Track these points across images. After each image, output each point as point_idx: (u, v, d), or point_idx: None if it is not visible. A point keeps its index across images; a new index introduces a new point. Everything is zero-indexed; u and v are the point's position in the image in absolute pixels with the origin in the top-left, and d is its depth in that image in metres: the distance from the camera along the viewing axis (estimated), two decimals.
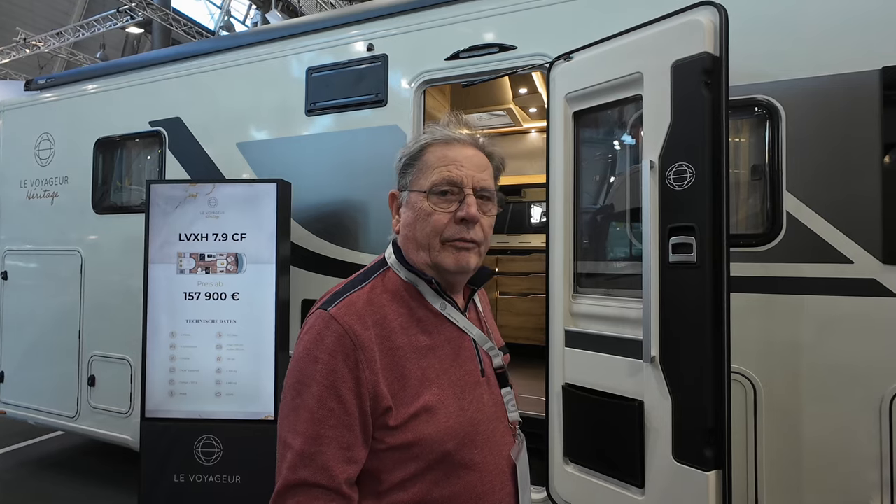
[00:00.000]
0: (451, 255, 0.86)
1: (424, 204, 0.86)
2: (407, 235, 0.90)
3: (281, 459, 0.79)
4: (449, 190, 0.86)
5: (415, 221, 0.88)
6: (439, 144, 0.89)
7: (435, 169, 0.87)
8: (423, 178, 0.88)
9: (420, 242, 0.88)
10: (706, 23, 1.60)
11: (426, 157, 0.89)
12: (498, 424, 0.92)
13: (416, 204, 0.88)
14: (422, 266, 0.89)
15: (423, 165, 0.88)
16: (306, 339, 0.82)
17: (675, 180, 1.66)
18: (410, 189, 0.89)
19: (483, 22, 2.42)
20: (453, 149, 0.89)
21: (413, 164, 0.90)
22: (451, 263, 0.86)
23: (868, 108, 1.73)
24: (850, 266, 1.74)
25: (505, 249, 4.39)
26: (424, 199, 0.86)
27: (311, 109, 2.81)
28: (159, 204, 2.62)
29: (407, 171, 0.91)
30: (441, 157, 0.88)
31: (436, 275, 0.89)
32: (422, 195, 0.87)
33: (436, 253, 0.87)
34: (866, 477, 1.69)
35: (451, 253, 0.86)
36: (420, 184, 0.88)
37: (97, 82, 3.54)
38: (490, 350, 0.97)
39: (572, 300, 2.04)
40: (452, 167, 0.86)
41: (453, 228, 0.86)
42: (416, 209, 0.87)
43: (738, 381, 1.85)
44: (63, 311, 3.45)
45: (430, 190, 0.86)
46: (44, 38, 12.51)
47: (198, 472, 2.50)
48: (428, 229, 0.86)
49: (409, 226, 0.89)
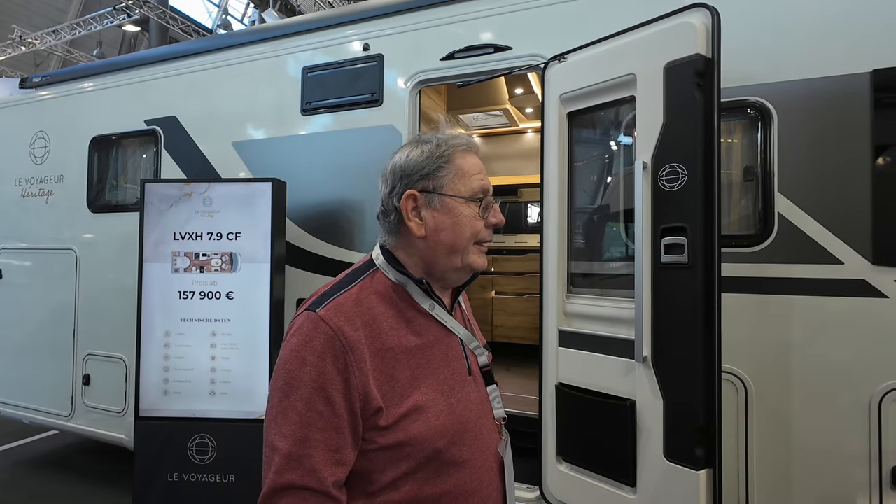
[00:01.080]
0: (480, 256, 0.93)
1: (466, 210, 0.89)
2: (441, 240, 0.89)
3: (268, 462, 0.79)
4: (483, 197, 0.91)
5: (454, 226, 0.89)
6: (465, 150, 0.92)
7: (473, 176, 0.90)
8: (461, 184, 0.89)
9: (458, 246, 0.90)
10: (699, 25, 1.61)
11: (460, 163, 0.90)
12: (485, 421, 0.94)
13: (455, 209, 0.89)
14: (445, 269, 0.92)
15: (460, 171, 0.90)
16: (294, 341, 0.82)
17: (667, 181, 1.66)
18: (445, 193, 0.89)
19: (478, 22, 2.42)
20: (474, 156, 0.93)
21: (445, 168, 0.89)
22: (481, 263, 0.92)
23: (859, 110, 1.74)
24: (841, 267, 1.75)
25: (501, 249, 4.40)
26: (465, 205, 0.89)
27: (307, 109, 2.81)
28: (154, 203, 2.62)
29: (439, 174, 0.89)
30: (475, 165, 0.92)
31: (451, 276, 0.93)
32: (462, 201, 0.89)
33: (468, 255, 0.91)
34: (856, 476, 1.71)
35: (478, 255, 0.92)
36: (458, 189, 0.89)
37: (92, 80, 3.53)
38: (476, 349, 0.99)
39: (566, 300, 2.05)
40: (482, 175, 0.92)
41: (486, 233, 0.92)
42: (457, 214, 0.89)
43: (730, 381, 1.86)
44: (58, 310, 3.45)
45: (471, 197, 0.90)
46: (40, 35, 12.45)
47: (192, 472, 2.50)
48: (468, 234, 0.90)
49: (445, 230, 0.89)
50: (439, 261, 0.91)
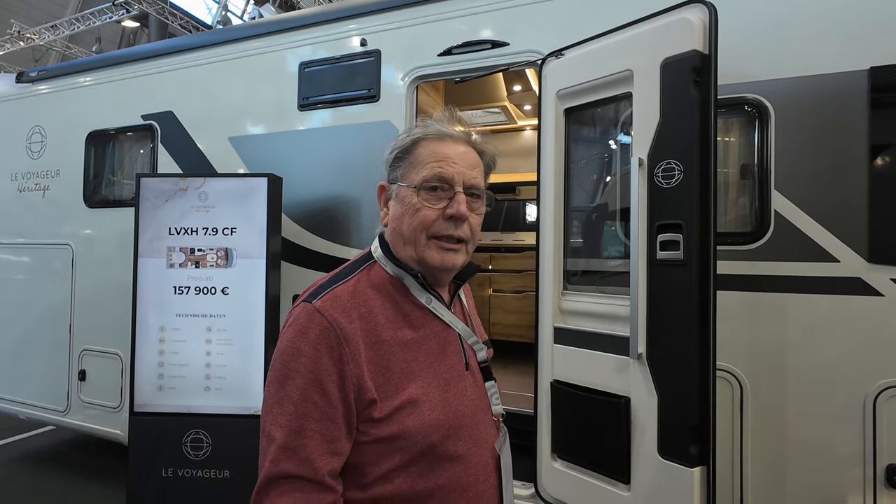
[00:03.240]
0: (437, 252, 0.86)
1: (413, 199, 0.86)
2: (394, 229, 0.89)
3: (264, 452, 0.79)
4: (439, 186, 0.85)
5: (402, 216, 0.87)
6: (432, 140, 0.88)
7: (426, 164, 0.86)
8: (413, 173, 0.87)
9: (406, 237, 0.87)
10: (696, 21, 1.60)
11: (418, 151, 0.88)
12: (482, 417, 0.93)
13: (405, 198, 0.87)
14: (407, 260, 0.89)
15: (415, 160, 0.87)
16: (290, 332, 0.82)
17: (663, 178, 1.66)
18: (400, 183, 0.88)
19: (476, 18, 2.41)
20: (446, 145, 0.88)
21: (404, 158, 0.89)
22: (437, 260, 0.86)
23: (856, 108, 1.74)
24: (837, 265, 1.75)
25: (499, 247, 4.39)
26: (414, 194, 0.86)
27: (304, 104, 2.80)
28: (149, 198, 2.61)
29: (398, 165, 0.90)
30: (433, 153, 0.87)
31: (422, 270, 0.89)
32: (411, 190, 0.86)
33: (421, 248, 0.87)
34: (850, 474, 1.71)
35: (436, 250, 0.86)
36: (410, 178, 0.87)
37: (89, 75, 3.52)
38: (475, 344, 0.98)
39: (561, 297, 2.05)
40: (444, 163, 0.86)
41: (441, 225, 0.85)
42: (405, 203, 0.87)
43: (725, 379, 1.85)
44: (54, 305, 3.44)
45: (420, 185, 0.85)
46: (39, 30, 12.41)
47: (186, 467, 2.50)
48: (415, 224, 0.86)
49: (396, 219, 0.88)
50: (399, 251, 0.90)
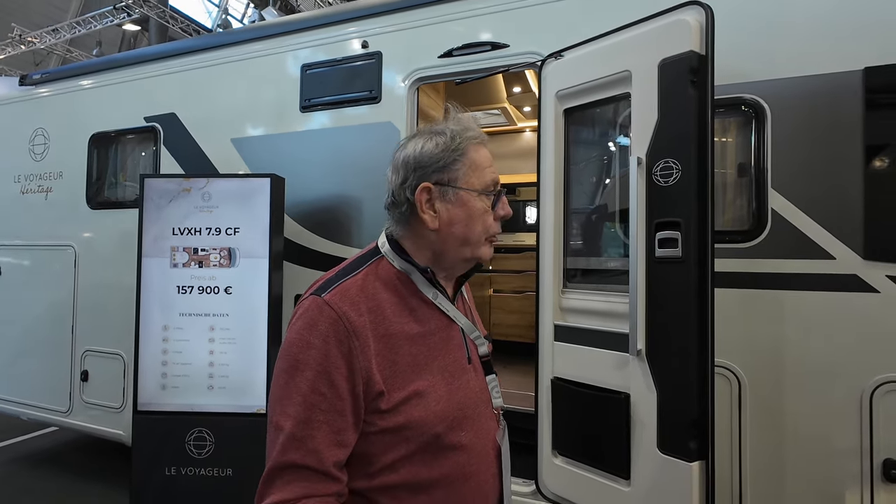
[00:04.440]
0: (488, 248, 0.94)
1: (479, 203, 0.90)
2: (454, 233, 0.90)
3: (271, 442, 0.80)
4: (495, 189, 0.92)
5: (468, 219, 0.90)
6: (478, 143, 0.93)
7: (485, 169, 0.91)
8: (474, 178, 0.90)
9: (470, 239, 0.91)
10: (693, 22, 1.63)
11: (473, 156, 0.90)
12: (484, 409, 0.95)
13: (469, 202, 0.89)
14: (455, 260, 0.93)
15: (474, 164, 0.90)
16: (300, 324, 0.83)
17: (661, 176, 1.68)
18: (459, 186, 0.89)
19: (476, 20, 2.44)
20: (486, 149, 0.94)
21: (459, 161, 0.89)
22: (489, 255, 0.94)
23: (851, 107, 1.76)
24: (833, 262, 1.77)
25: (499, 248, 4.41)
26: (478, 199, 0.90)
27: (306, 106, 2.83)
28: (153, 198, 2.63)
29: (453, 168, 0.89)
30: (486, 157, 0.92)
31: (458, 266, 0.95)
32: (475, 194, 0.90)
33: (478, 247, 0.92)
34: (848, 468, 1.73)
35: (487, 246, 0.94)
36: (472, 182, 0.89)
37: (92, 78, 3.55)
38: (476, 339, 1.00)
39: (561, 295, 2.07)
40: (493, 168, 0.93)
41: (495, 226, 0.93)
42: (471, 208, 0.90)
43: (723, 375, 1.87)
44: (56, 306, 3.45)
45: (484, 190, 0.91)
46: (39, 34, 12.45)
47: (189, 465, 2.51)
48: (481, 227, 0.91)
49: (459, 223, 0.90)
50: (450, 252, 0.92)
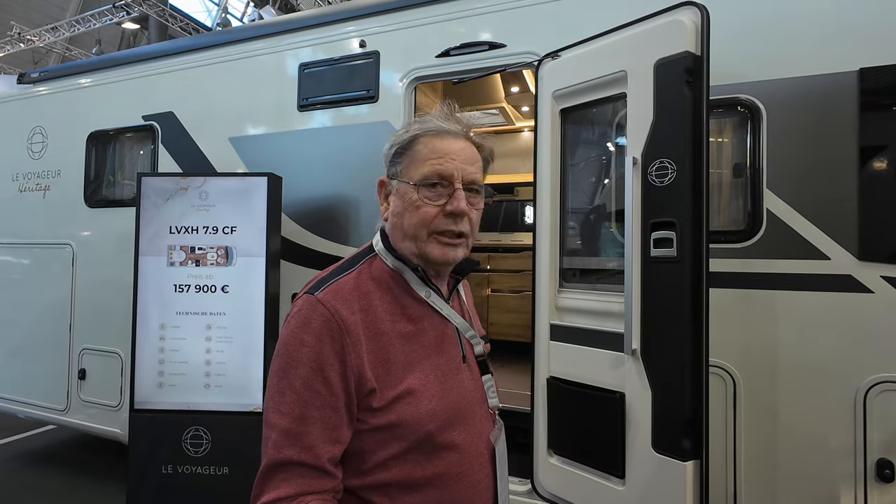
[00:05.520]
0: (438, 247, 0.88)
1: (414, 196, 0.87)
2: (395, 224, 0.90)
3: (266, 440, 0.80)
4: (439, 183, 0.86)
5: (403, 212, 0.88)
6: (431, 136, 0.89)
7: (426, 161, 0.87)
8: (413, 170, 0.88)
9: (407, 232, 0.88)
10: (688, 23, 1.63)
11: (417, 147, 0.89)
12: (478, 409, 0.95)
13: (405, 194, 0.88)
14: (408, 254, 0.90)
15: (414, 156, 0.88)
16: (293, 323, 0.83)
17: (657, 176, 1.69)
18: (400, 179, 0.89)
19: (473, 20, 2.44)
20: (444, 141, 0.88)
21: (404, 153, 0.90)
22: (438, 255, 0.88)
23: (846, 108, 1.77)
24: (828, 262, 1.78)
25: (497, 247, 4.41)
26: (414, 191, 0.87)
27: (304, 105, 2.83)
28: (150, 196, 2.63)
29: (397, 160, 0.90)
30: (432, 150, 0.87)
31: (422, 263, 0.91)
32: (411, 187, 0.87)
33: (422, 244, 0.88)
34: (842, 467, 1.73)
35: (437, 245, 0.88)
36: (410, 174, 0.88)
37: (90, 76, 3.55)
38: (472, 338, 0.99)
39: (557, 294, 2.07)
40: (443, 160, 0.87)
41: (441, 221, 0.87)
42: (406, 200, 0.88)
43: (718, 375, 1.88)
44: (54, 305, 3.45)
45: (420, 182, 0.86)
46: (39, 32, 12.44)
47: (186, 464, 2.51)
48: (416, 220, 0.87)
49: (397, 215, 0.90)
50: (399, 245, 0.91)
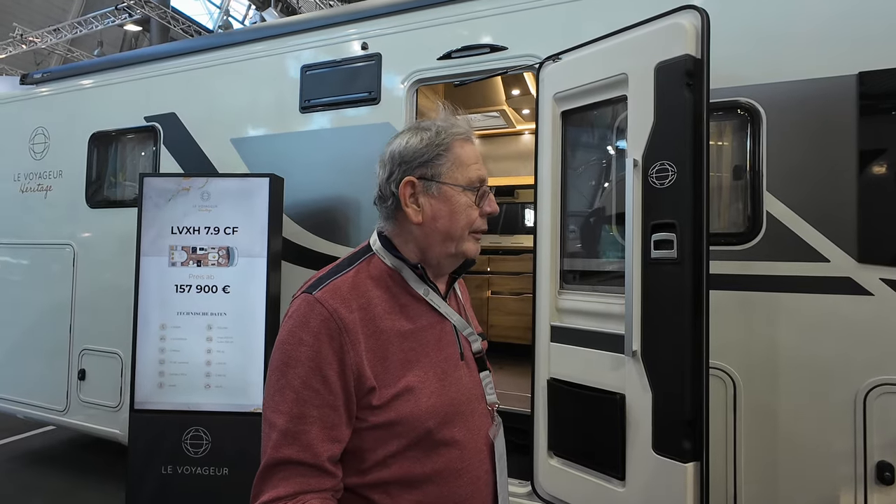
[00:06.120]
0: (473, 244, 0.94)
1: (463, 198, 0.90)
2: (437, 228, 0.91)
3: (266, 439, 0.81)
4: (480, 186, 0.92)
5: (451, 214, 0.90)
6: (467, 141, 0.93)
7: (470, 165, 0.91)
8: (458, 173, 0.90)
9: (452, 234, 0.91)
10: (688, 26, 1.65)
11: (458, 151, 0.91)
12: (477, 405, 0.96)
13: (452, 198, 0.90)
14: (439, 255, 0.93)
15: (458, 160, 0.90)
16: (291, 322, 0.84)
17: (657, 178, 1.70)
18: (443, 181, 0.90)
19: (475, 23, 2.46)
20: (471, 145, 0.94)
21: (444, 156, 0.90)
22: (474, 251, 0.94)
23: (845, 111, 1.78)
24: (827, 265, 1.78)
25: (497, 249, 4.42)
26: (462, 194, 0.90)
27: (306, 106, 2.84)
28: (152, 197, 2.64)
29: (438, 162, 0.90)
30: (471, 154, 0.92)
31: (449, 262, 0.95)
32: (459, 190, 0.90)
33: (462, 243, 0.92)
34: (842, 470, 1.73)
35: (473, 243, 0.94)
36: (456, 178, 0.90)
37: (93, 77, 3.56)
38: (469, 336, 1.00)
39: (558, 296, 2.08)
40: (480, 164, 0.93)
41: (480, 222, 0.93)
42: (454, 203, 0.90)
43: (718, 377, 1.88)
44: (54, 305, 3.45)
45: (468, 186, 0.91)
46: (41, 34, 12.47)
47: (186, 464, 2.51)
48: (464, 222, 0.91)
49: (442, 218, 0.90)
50: (434, 247, 0.92)
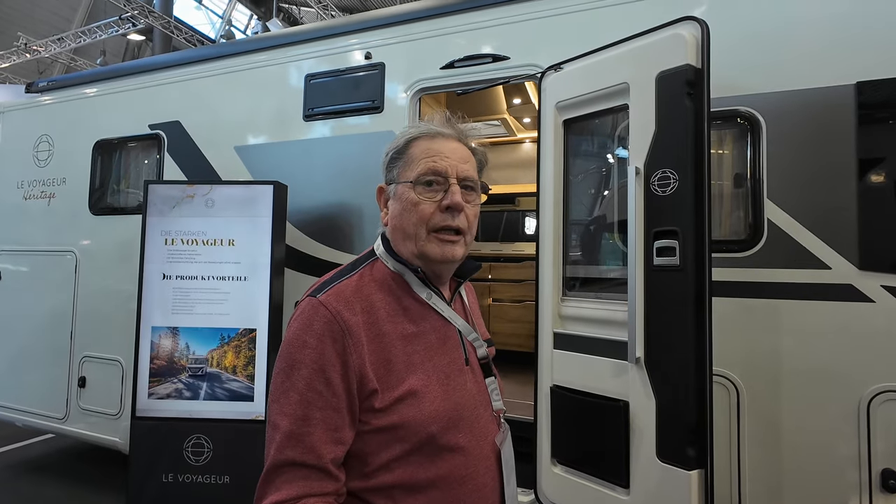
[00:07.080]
0: (437, 245, 0.90)
1: (411, 194, 0.90)
2: (395, 226, 0.93)
3: (269, 441, 0.81)
4: (434, 180, 0.89)
5: (402, 212, 0.91)
6: (424, 138, 0.93)
7: (420, 160, 0.90)
8: (408, 170, 0.91)
9: (407, 232, 0.91)
10: (689, 36, 1.67)
11: (412, 150, 0.92)
12: (482, 411, 0.95)
13: (403, 195, 0.91)
14: (409, 256, 0.92)
15: (409, 158, 0.92)
16: (296, 325, 0.85)
17: (659, 186, 1.71)
18: (397, 181, 0.92)
19: (477, 33, 2.49)
20: (437, 141, 0.93)
21: (399, 158, 0.93)
22: (438, 253, 0.90)
23: (844, 120, 1.80)
24: (829, 272, 1.79)
25: (498, 257, 4.43)
26: (411, 190, 0.90)
27: (309, 115, 2.87)
28: (156, 203, 2.65)
29: (393, 165, 0.94)
30: (426, 150, 0.91)
31: (423, 265, 0.92)
32: (408, 186, 0.90)
33: (422, 243, 0.90)
34: (846, 477, 1.73)
35: (436, 244, 0.90)
36: (406, 175, 0.91)
37: (98, 86, 3.59)
38: (475, 341, 1.00)
39: (561, 303, 2.08)
40: (437, 158, 0.90)
41: (439, 217, 0.89)
42: (403, 200, 0.91)
43: (722, 384, 1.88)
44: (56, 312, 3.45)
45: (416, 180, 0.89)
46: (45, 43, 12.58)
47: (187, 472, 2.50)
48: (415, 219, 0.89)
49: (396, 217, 0.92)
50: (399, 248, 0.93)
